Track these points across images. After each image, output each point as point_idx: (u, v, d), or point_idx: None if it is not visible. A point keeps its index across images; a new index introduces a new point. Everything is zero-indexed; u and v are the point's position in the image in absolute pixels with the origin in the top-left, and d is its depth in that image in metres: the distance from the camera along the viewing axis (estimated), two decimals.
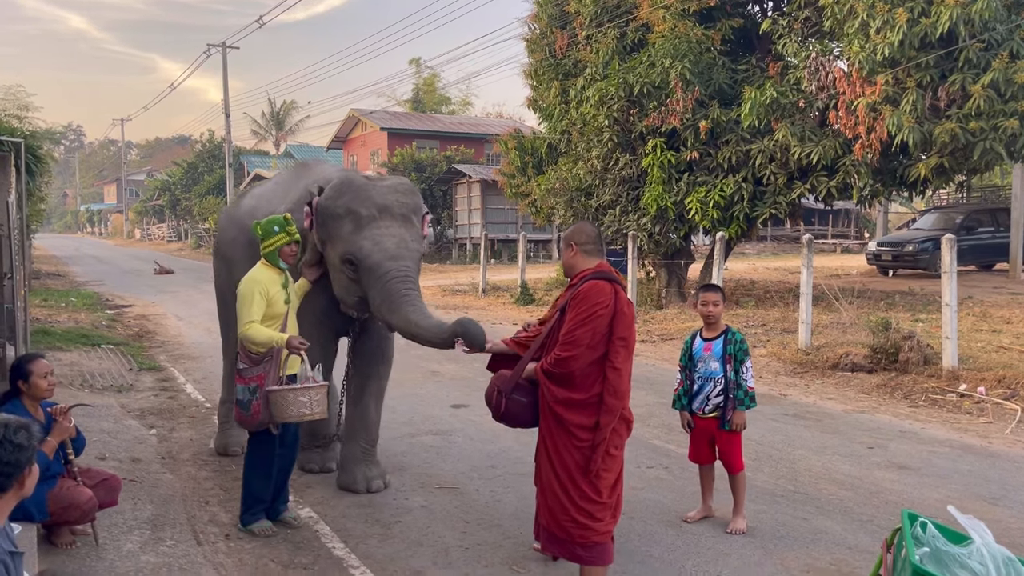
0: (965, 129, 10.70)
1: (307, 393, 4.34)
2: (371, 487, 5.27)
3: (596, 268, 3.64)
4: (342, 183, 4.97)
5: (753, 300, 14.62)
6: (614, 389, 3.47)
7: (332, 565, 4.22)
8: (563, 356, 3.45)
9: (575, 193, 15.92)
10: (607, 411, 3.45)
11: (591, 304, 3.46)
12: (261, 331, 4.43)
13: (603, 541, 3.51)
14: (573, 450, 3.48)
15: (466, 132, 38.31)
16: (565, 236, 3.80)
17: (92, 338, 11.48)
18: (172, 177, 51.87)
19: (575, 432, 3.47)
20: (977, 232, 19.01)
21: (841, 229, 37.99)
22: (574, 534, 3.48)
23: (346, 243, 4.81)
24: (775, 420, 7.17)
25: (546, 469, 3.57)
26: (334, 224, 4.86)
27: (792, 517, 4.87)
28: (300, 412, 4.35)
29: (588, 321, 3.44)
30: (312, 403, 4.36)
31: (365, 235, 4.79)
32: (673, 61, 13.06)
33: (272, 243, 4.61)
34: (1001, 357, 8.94)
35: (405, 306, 4.64)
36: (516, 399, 3.64)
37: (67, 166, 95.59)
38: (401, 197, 5.02)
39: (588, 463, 3.46)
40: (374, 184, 5.03)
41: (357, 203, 4.85)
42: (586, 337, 3.43)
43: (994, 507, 5.02)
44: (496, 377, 3.77)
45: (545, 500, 3.58)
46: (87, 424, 6.71)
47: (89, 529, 4.28)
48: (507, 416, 3.71)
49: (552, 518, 3.53)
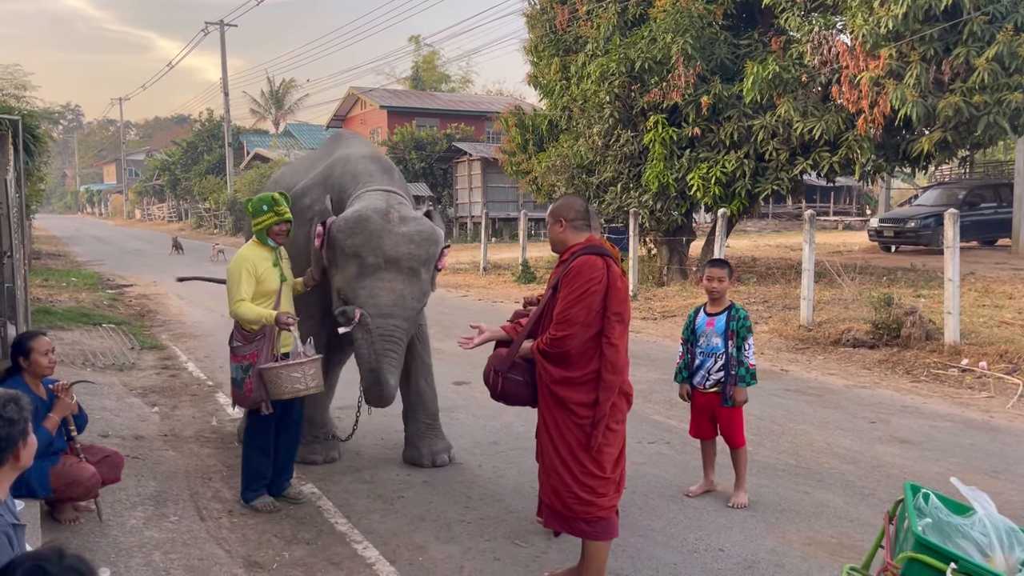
0: (969, 103, 10.63)
1: (300, 368, 4.32)
2: (436, 461, 5.31)
3: (587, 242, 3.56)
4: (359, 220, 4.62)
5: (755, 277, 14.60)
6: (612, 365, 3.41)
7: (335, 540, 4.24)
8: (559, 336, 3.39)
9: (576, 170, 15.84)
10: (605, 387, 3.41)
11: (584, 280, 3.39)
12: (250, 308, 4.42)
13: (607, 516, 3.50)
14: (574, 427, 3.44)
15: (466, 110, 38.10)
16: (552, 211, 3.68)
17: (93, 317, 11.49)
18: (171, 157, 51.75)
19: (575, 410, 3.42)
20: (980, 208, 18.94)
21: (843, 206, 37.88)
22: (577, 510, 3.45)
23: (346, 282, 4.67)
24: (777, 395, 7.18)
25: (547, 447, 3.54)
26: (340, 258, 4.69)
27: (794, 491, 4.88)
28: (295, 388, 4.32)
29: (582, 299, 3.37)
30: (306, 377, 4.33)
31: (364, 284, 4.62)
32: (675, 36, 12.95)
33: (260, 222, 4.56)
34: (1003, 332, 8.93)
35: (379, 368, 4.54)
36: (512, 378, 3.59)
37: (66, 146, 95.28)
38: (415, 249, 4.70)
39: (589, 440, 3.42)
40: (391, 229, 4.63)
41: (367, 250, 4.59)
42: (581, 315, 3.37)
43: (995, 480, 5.03)
44: (492, 357, 3.70)
45: (547, 477, 3.55)
46: (89, 402, 6.72)
47: (92, 505, 4.29)
48: (504, 395, 3.65)
49: (555, 495, 3.50)
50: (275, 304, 4.54)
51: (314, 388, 4.42)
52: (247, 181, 35.48)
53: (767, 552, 4.06)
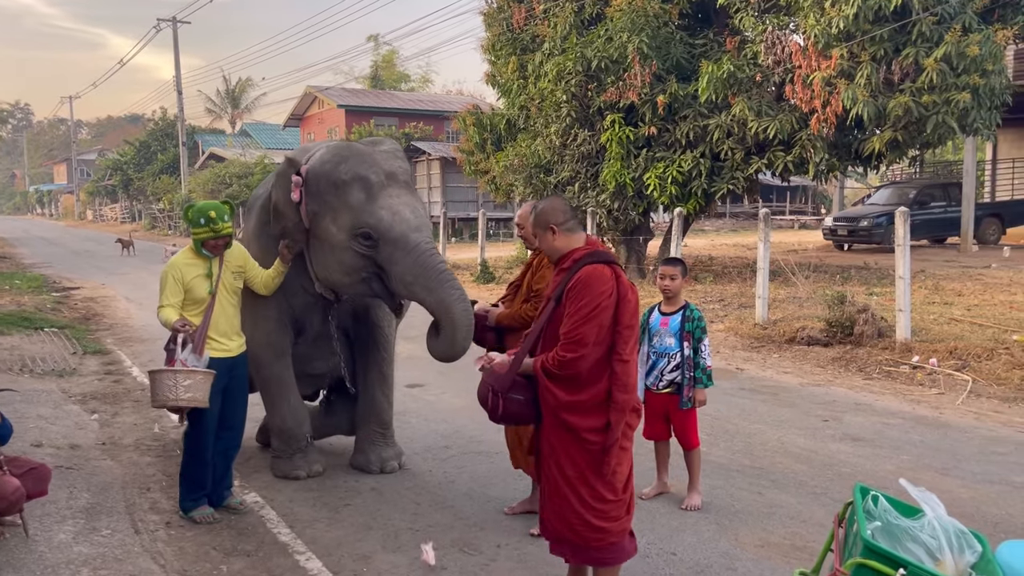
0: (918, 103, 10.77)
1: (173, 376, 4.11)
2: (385, 468, 5.16)
3: (588, 248, 3.28)
4: (340, 147, 4.60)
5: (711, 276, 14.67)
6: (623, 384, 3.13)
7: (277, 551, 4.08)
8: (569, 358, 3.08)
9: (534, 170, 15.76)
10: (617, 408, 3.12)
11: (594, 295, 3.10)
12: (164, 314, 4.33)
13: (620, 540, 3.26)
14: (584, 453, 3.16)
15: (425, 109, 37.88)
16: (537, 220, 3.36)
17: (35, 321, 11.09)
18: (124, 156, 50.61)
19: (585, 436, 3.14)
20: (929, 207, 19.28)
21: (798, 205, 38.45)
22: (589, 537, 3.17)
23: (357, 213, 4.38)
24: (732, 395, 7.16)
25: (552, 471, 3.23)
26: (338, 193, 4.43)
27: (747, 491, 4.84)
28: (165, 396, 4.12)
29: (592, 316, 3.08)
30: (178, 387, 4.09)
31: (381, 204, 4.38)
32: (631, 35, 12.94)
33: (196, 234, 4.39)
34: (952, 329, 9.05)
35: (446, 289, 4.32)
36: (514, 398, 3.25)
37: (15, 146, 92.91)
38: (402, 163, 4.72)
39: (601, 465, 3.15)
40: (373, 149, 4.67)
41: (365, 168, 4.43)
42: (592, 334, 3.08)
43: (944, 477, 5.05)
44: (488, 376, 3.33)
45: (552, 504, 3.25)
46: (24, 410, 6.47)
47: (19, 520, 4.07)
48: (507, 417, 3.30)
49: (562, 522, 3.21)
50: (206, 313, 4.37)
51: (186, 401, 4.13)
52: (201, 181, 34.84)
53: (720, 555, 4.00)
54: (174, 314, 4.30)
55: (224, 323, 4.45)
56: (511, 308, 4.36)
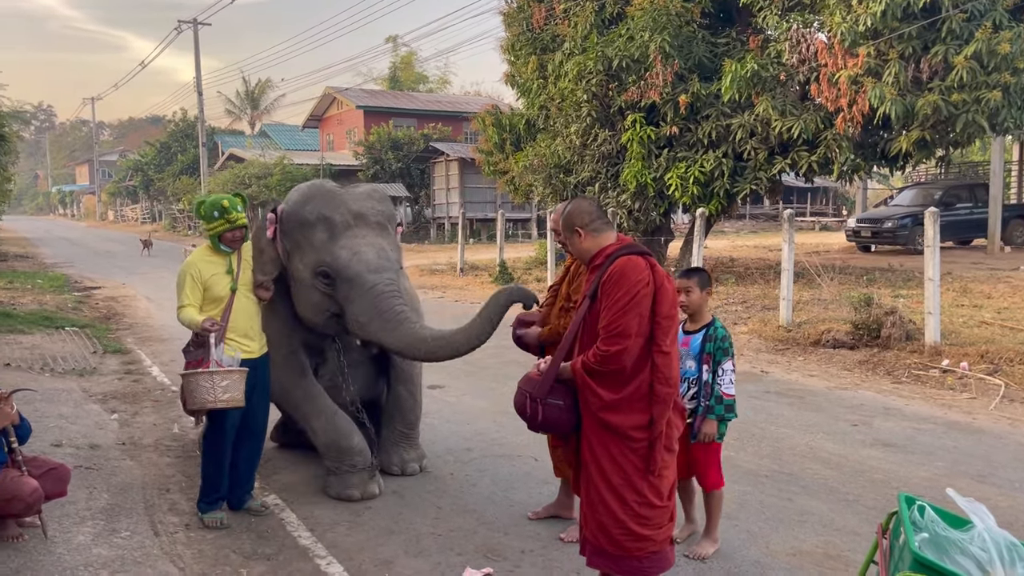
0: (947, 101, 10.55)
1: (210, 378, 4.03)
2: (406, 470, 5.09)
3: (620, 243, 3.21)
4: (311, 188, 4.70)
5: (733, 277, 14.50)
6: (665, 377, 3.04)
7: (297, 555, 4.01)
8: (613, 351, 2.98)
9: (554, 170, 15.65)
10: (659, 401, 3.04)
11: (631, 284, 3.01)
12: (186, 314, 4.25)
13: (662, 549, 3.16)
14: (629, 453, 3.06)
15: (444, 110, 37.82)
16: (565, 223, 3.29)
17: (56, 320, 11.12)
18: (145, 157, 50.99)
19: (630, 435, 3.05)
20: (955, 208, 18.96)
21: (820, 207, 38.07)
22: (630, 547, 3.07)
23: (319, 252, 4.46)
24: (757, 398, 7.02)
25: (595, 476, 3.12)
26: (304, 232, 4.51)
27: (776, 498, 4.72)
28: (204, 399, 4.04)
29: (631, 306, 2.99)
30: (216, 389, 4.02)
31: (341, 244, 4.44)
32: (652, 34, 12.80)
33: (211, 228, 4.34)
34: (983, 332, 8.86)
35: (405, 324, 4.33)
36: (553, 403, 3.16)
37: (38, 147, 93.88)
38: (376, 204, 4.71)
39: (648, 464, 3.06)
40: (346, 190, 4.76)
41: (330, 208, 4.53)
42: (633, 324, 2.99)
43: (981, 484, 4.90)
44: (524, 382, 3.26)
45: (593, 512, 3.14)
46: (44, 409, 6.46)
47: (38, 521, 4.03)
48: (546, 424, 3.21)
49: (602, 531, 3.11)
50: (226, 311, 4.29)
51: (224, 402, 4.07)
52: (221, 181, 34.98)
53: (751, 564, 3.88)
54: (198, 314, 4.23)
55: (244, 322, 4.37)
56: (549, 320, 4.17)
